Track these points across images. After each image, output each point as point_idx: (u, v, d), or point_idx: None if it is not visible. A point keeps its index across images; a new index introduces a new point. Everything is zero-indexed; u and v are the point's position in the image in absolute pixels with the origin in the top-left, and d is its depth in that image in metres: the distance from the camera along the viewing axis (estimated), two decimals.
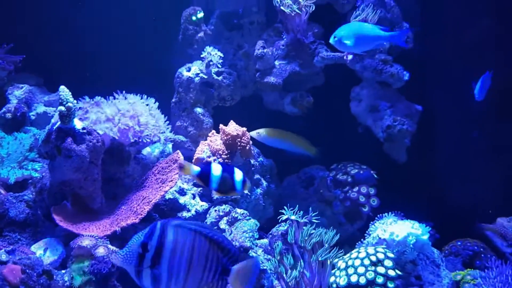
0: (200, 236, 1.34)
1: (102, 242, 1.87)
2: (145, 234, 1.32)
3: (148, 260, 1.31)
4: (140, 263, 1.31)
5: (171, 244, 1.31)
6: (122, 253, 1.33)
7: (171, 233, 1.32)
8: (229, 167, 1.77)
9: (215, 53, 2.47)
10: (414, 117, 2.63)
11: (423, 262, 2.27)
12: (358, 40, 2.09)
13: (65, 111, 1.98)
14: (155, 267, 1.31)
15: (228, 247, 1.36)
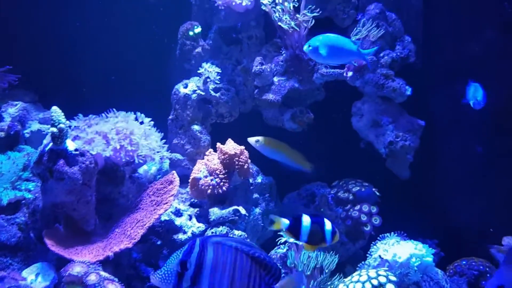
0: (241, 253, 1.28)
1: (93, 268, 1.82)
2: (184, 251, 1.26)
3: (187, 279, 1.25)
4: (179, 282, 1.25)
5: (211, 261, 1.26)
6: (160, 273, 1.27)
7: (211, 250, 1.26)
8: (319, 218, 1.73)
9: (212, 69, 2.42)
10: (417, 132, 2.57)
11: (427, 283, 2.20)
12: (333, 52, 2.02)
13: (57, 132, 1.93)
14: (195, 286, 1.25)
15: (270, 264, 1.30)
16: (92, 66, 2.73)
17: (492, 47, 2.64)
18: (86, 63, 2.74)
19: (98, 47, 2.73)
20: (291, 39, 2.34)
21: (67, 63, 2.75)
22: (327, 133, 2.73)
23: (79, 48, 2.76)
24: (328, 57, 2.03)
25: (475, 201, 2.67)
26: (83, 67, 2.74)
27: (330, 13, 2.54)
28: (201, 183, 2.23)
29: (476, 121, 2.67)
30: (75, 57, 2.75)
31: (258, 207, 2.37)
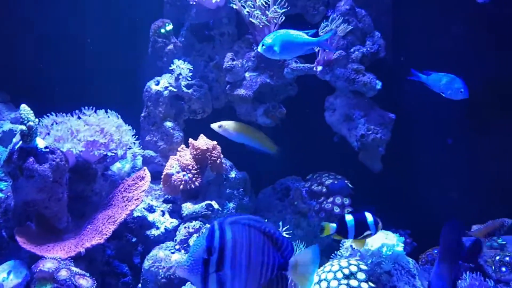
0: (254, 230, 1.28)
1: (64, 264, 1.82)
2: (207, 237, 1.24)
3: (213, 264, 1.23)
4: (206, 269, 1.23)
5: (231, 242, 1.24)
6: (187, 264, 1.24)
7: (229, 231, 1.25)
8: (360, 214, 1.88)
9: (184, 66, 2.43)
10: (388, 125, 2.61)
11: (398, 272, 2.24)
12: (286, 47, 2.06)
13: (26, 130, 1.93)
14: (220, 270, 1.24)
15: (281, 239, 1.30)
16: (64, 66, 2.73)
17: (460, 42, 2.70)
18: (58, 63, 2.74)
19: (70, 46, 2.74)
20: (262, 35, 2.36)
21: (39, 63, 2.75)
22: (301, 127, 2.76)
23: (51, 48, 2.77)
24: (283, 53, 2.07)
25: (446, 192, 2.72)
26: (55, 66, 2.74)
27: (301, 10, 2.57)
28: (173, 178, 2.24)
29: (446, 114, 2.73)
30: (47, 56, 2.75)
31: (232, 201, 2.38)
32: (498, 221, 2.39)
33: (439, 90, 2.35)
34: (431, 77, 2.30)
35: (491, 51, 2.65)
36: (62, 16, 2.74)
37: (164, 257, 2.00)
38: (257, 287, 1.27)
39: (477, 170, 2.69)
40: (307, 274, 1.31)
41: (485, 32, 2.65)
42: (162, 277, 1.95)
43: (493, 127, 2.68)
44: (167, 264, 1.97)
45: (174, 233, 2.19)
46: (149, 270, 1.99)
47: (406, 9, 2.70)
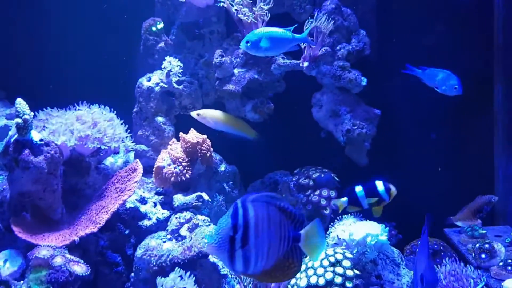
0: (271, 206, 1.33)
1: (59, 252, 1.88)
2: (231, 215, 1.29)
3: (238, 241, 1.28)
4: (232, 246, 1.29)
5: (253, 219, 1.29)
6: (214, 242, 1.29)
7: (251, 208, 1.31)
8: (370, 183, 2.05)
9: (175, 63, 2.51)
10: (373, 121, 2.69)
11: (383, 261, 2.32)
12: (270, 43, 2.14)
13: (22, 123, 2.00)
14: (245, 246, 1.29)
15: (294, 212, 1.36)
16: (59, 63, 2.79)
17: (442, 39, 2.80)
18: (52, 61, 2.80)
19: (65, 45, 2.80)
20: (249, 32, 2.44)
21: (34, 61, 2.81)
22: (289, 123, 2.84)
23: (45, 46, 2.82)
24: (268, 49, 2.14)
25: (430, 185, 2.80)
26: (49, 64, 2.80)
27: (288, 9, 2.66)
28: (164, 171, 2.31)
29: (429, 109, 2.82)
30: (42, 54, 2.81)
31: (221, 194, 2.46)
32: (486, 197, 2.50)
33: (433, 85, 2.41)
34: (427, 72, 2.38)
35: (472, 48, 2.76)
36: (56, 15, 2.80)
37: (156, 246, 2.06)
38: (276, 259, 1.33)
39: (459, 163, 2.79)
40: (318, 243, 1.38)
41: (466, 30, 2.76)
42: (154, 264, 2.01)
43: (474, 122, 2.78)
44: (159, 252, 2.03)
45: (166, 224, 2.25)
46: (141, 258, 2.06)
47: (390, 7, 2.79)
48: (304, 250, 1.37)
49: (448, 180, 2.79)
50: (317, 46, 2.40)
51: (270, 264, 1.33)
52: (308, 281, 2.06)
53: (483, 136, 2.78)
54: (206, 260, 2.06)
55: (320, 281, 2.05)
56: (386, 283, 2.26)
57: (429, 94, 2.65)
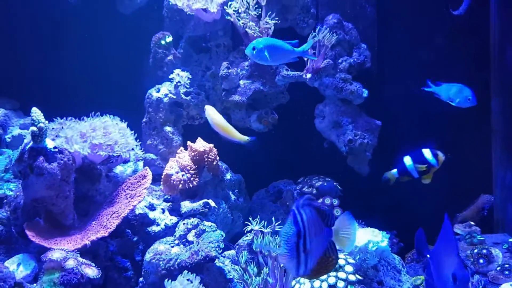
0: (311, 208, 1.38)
1: (72, 255, 1.95)
2: (294, 223, 1.32)
3: (301, 246, 1.31)
4: (298, 253, 1.31)
5: (307, 223, 1.33)
6: (286, 251, 1.31)
7: (304, 214, 1.35)
8: (417, 152, 2.17)
9: (183, 74, 2.60)
10: (375, 131, 2.77)
11: (384, 268, 2.38)
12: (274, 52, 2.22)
13: (37, 131, 2.08)
14: (305, 251, 1.32)
15: (326, 210, 1.40)
16: (72, 76, 2.89)
17: (440, 52, 2.89)
18: (65, 73, 2.90)
19: (77, 58, 2.90)
20: None
21: (47, 73, 2.92)
22: (293, 134, 2.93)
23: (59, 58, 2.93)
24: (271, 59, 2.23)
25: (430, 195, 2.87)
26: (63, 76, 2.91)
27: (291, 23, 2.76)
28: (173, 178, 2.39)
29: (428, 119, 2.90)
30: (55, 67, 2.91)
31: (227, 201, 2.53)
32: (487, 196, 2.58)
33: (448, 99, 2.48)
34: (442, 87, 2.46)
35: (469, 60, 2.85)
36: (71, 29, 2.91)
37: (165, 250, 2.13)
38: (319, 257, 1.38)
39: (458, 173, 2.85)
40: (349, 235, 1.43)
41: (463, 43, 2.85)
42: (163, 268, 2.08)
43: (472, 132, 2.86)
44: (167, 256, 2.10)
45: (174, 230, 2.32)
46: (150, 262, 2.12)
47: (390, 22, 2.89)
48: (337, 243, 1.42)
49: (448, 190, 2.85)
50: (319, 59, 2.49)
51: (316, 262, 1.37)
52: (311, 286, 2.13)
53: (481, 146, 2.86)
54: (213, 265, 2.14)
55: (323, 286, 2.11)
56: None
57: (428, 105, 2.75)
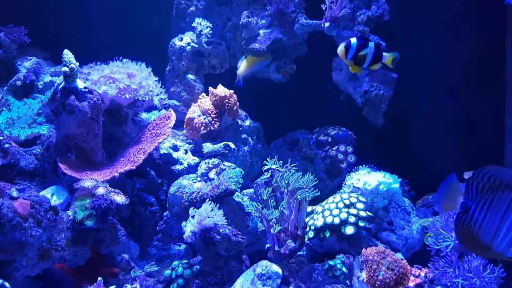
0: None
1: (102, 184, 2.10)
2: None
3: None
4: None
5: None
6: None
7: None
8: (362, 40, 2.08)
9: (205, 24, 2.70)
10: (390, 84, 2.84)
11: (394, 209, 2.48)
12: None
13: (69, 71, 2.22)
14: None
15: None
16: (99, 27, 3.02)
17: (457, 6, 2.92)
18: (93, 24, 3.03)
19: (104, 10, 3.02)
20: None
21: (75, 24, 3.05)
22: (310, 86, 3.02)
23: (86, 10, 3.05)
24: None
25: (443, 146, 2.96)
26: (90, 27, 3.03)
27: None
28: (195, 121, 2.52)
29: (445, 75, 2.96)
30: (83, 18, 3.04)
31: (246, 146, 2.65)
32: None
33: None
34: None
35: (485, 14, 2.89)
36: None
37: (188, 184, 2.27)
38: None
39: (472, 124, 2.93)
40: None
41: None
42: (186, 200, 2.22)
43: (486, 85, 2.91)
44: (190, 189, 2.24)
45: (196, 168, 2.46)
46: (174, 195, 2.27)
47: None
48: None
49: (460, 141, 2.93)
50: (337, 7, 2.57)
51: None
52: (324, 221, 2.25)
53: (495, 98, 2.91)
54: (232, 199, 2.27)
55: (335, 220, 2.23)
56: (397, 229, 2.43)
57: (443, 61, 2.82)
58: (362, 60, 2.08)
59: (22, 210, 1.89)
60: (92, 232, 2.01)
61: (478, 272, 1.92)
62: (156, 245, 2.37)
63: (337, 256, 2.14)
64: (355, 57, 2.07)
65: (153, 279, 2.10)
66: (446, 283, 1.97)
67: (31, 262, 1.94)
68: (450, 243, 2.05)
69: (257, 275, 1.95)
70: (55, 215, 2.00)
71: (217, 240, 1.99)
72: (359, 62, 2.09)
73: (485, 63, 2.85)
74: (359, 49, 2.07)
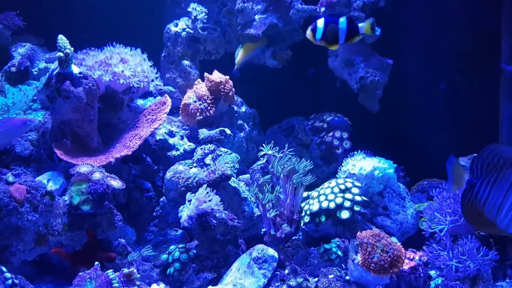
0: None
1: (98, 169, 2.10)
2: None
3: None
4: None
5: None
6: None
7: None
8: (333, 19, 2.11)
9: (200, 9, 2.69)
10: (386, 70, 2.85)
11: (389, 194, 2.50)
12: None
13: (63, 56, 2.21)
14: None
15: None
16: (93, 13, 3.00)
17: None
18: (87, 10, 3.01)
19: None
20: None
21: (69, 10, 3.02)
22: (306, 72, 3.02)
23: None
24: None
25: (438, 132, 2.97)
26: (84, 13, 3.01)
27: None
28: (190, 107, 2.52)
29: (440, 61, 2.97)
30: (78, 4, 3.02)
31: (242, 132, 2.66)
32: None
33: None
34: None
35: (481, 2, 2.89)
36: None
37: (184, 170, 2.28)
38: None
39: (466, 111, 2.94)
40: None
41: None
42: (182, 185, 2.22)
43: (481, 72, 2.92)
44: (186, 175, 2.25)
45: (192, 154, 2.46)
46: (170, 180, 2.27)
47: None
48: None
49: (455, 127, 2.94)
50: None
51: None
52: (320, 206, 2.27)
53: (490, 83, 2.92)
54: (228, 184, 2.28)
55: (330, 205, 2.25)
56: (392, 213, 2.45)
57: (440, 46, 2.82)
58: (334, 36, 2.08)
59: (18, 195, 1.89)
60: (88, 217, 2.02)
61: (472, 254, 1.95)
62: (153, 230, 2.38)
63: (333, 240, 2.16)
64: (325, 37, 2.06)
65: (150, 263, 2.11)
66: (440, 265, 2.00)
67: (27, 247, 1.95)
68: (444, 226, 2.08)
69: (253, 259, 1.96)
70: (51, 200, 2.01)
71: (213, 225, 2.00)
72: (333, 40, 2.09)
73: (480, 48, 2.85)
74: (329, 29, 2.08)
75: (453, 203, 2.11)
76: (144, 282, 1.95)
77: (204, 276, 2.01)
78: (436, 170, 2.79)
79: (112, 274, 1.71)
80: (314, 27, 2.09)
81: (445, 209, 2.12)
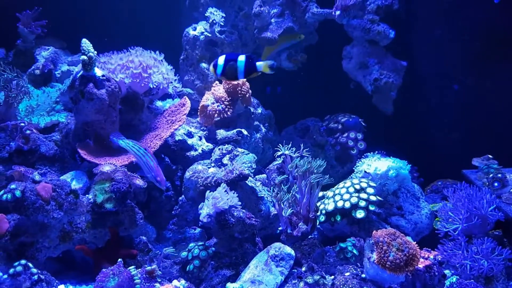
0: None
1: (120, 168, 2.17)
2: None
3: None
4: None
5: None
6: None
7: None
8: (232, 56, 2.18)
9: (217, 13, 2.76)
10: (400, 72, 2.89)
11: (404, 195, 2.54)
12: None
13: (87, 59, 2.28)
14: None
15: None
16: (114, 18, 3.08)
17: None
18: (108, 15, 3.09)
19: (120, 0, 3.08)
20: None
21: (92, 14, 3.11)
22: (321, 74, 3.07)
23: (102, 1, 3.11)
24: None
25: (452, 133, 3.00)
26: (105, 18, 3.10)
27: None
28: (209, 109, 2.58)
29: (453, 62, 3.00)
30: (99, 9, 3.10)
31: (258, 133, 2.71)
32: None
33: None
34: None
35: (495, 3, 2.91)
36: None
37: (202, 169, 2.34)
38: None
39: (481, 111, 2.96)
40: None
41: None
42: (201, 185, 2.28)
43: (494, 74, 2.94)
44: (204, 174, 2.31)
45: (210, 155, 2.53)
46: (190, 179, 2.33)
47: None
48: None
49: (469, 128, 2.96)
50: None
51: None
52: (335, 205, 2.31)
53: (504, 86, 2.94)
54: (245, 184, 2.33)
55: (346, 205, 2.29)
56: (407, 213, 2.48)
57: (453, 48, 2.85)
58: (234, 73, 2.17)
59: (44, 193, 1.96)
60: (111, 214, 2.09)
61: (486, 254, 1.97)
62: (172, 228, 2.44)
63: (348, 239, 2.20)
64: (225, 73, 2.18)
65: (170, 260, 2.17)
66: (455, 264, 2.03)
67: (52, 243, 2.02)
68: (458, 226, 2.11)
69: (271, 256, 2.01)
70: (75, 198, 2.08)
71: (231, 223, 2.05)
72: (232, 76, 2.19)
73: (494, 49, 2.87)
74: (229, 66, 2.17)
75: (467, 202, 2.13)
76: (165, 278, 2.01)
77: (223, 273, 2.06)
78: (450, 171, 2.84)
79: (134, 270, 1.77)
80: (215, 63, 2.18)
81: (460, 209, 2.15)
